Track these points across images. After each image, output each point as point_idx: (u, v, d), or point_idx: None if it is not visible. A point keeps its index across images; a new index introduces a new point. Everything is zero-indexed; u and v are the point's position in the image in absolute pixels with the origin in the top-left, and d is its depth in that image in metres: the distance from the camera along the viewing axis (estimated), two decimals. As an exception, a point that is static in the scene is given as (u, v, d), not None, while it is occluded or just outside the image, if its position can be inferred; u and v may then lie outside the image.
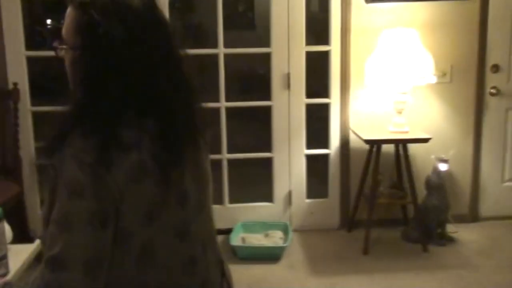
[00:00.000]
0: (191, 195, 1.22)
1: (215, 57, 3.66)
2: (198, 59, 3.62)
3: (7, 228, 1.82)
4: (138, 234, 1.13)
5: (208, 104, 1.34)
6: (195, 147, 1.27)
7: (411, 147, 3.61)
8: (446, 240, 3.59)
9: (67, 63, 1.21)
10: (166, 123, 1.17)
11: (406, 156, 3.51)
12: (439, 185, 3.50)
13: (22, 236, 3.45)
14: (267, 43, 3.73)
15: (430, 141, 3.46)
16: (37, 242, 1.91)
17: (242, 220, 3.78)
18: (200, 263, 1.25)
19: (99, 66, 1.13)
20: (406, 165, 3.53)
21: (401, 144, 3.54)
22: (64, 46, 1.19)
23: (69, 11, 1.19)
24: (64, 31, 1.19)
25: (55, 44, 1.20)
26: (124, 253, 1.12)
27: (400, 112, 3.51)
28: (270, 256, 3.43)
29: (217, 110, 3.68)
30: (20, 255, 1.81)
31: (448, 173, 3.57)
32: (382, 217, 3.72)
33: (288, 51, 3.69)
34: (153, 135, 1.14)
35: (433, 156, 3.55)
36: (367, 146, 3.57)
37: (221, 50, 3.65)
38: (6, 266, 1.64)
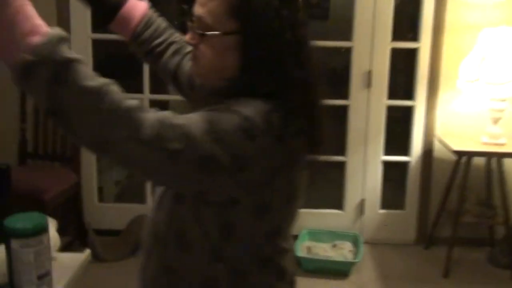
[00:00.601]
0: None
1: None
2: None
3: (55, 236, 1.60)
4: (275, 211, 1.13)
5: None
6: None
7: (506, 161, 3.19)
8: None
9: (211, 50, 1.10)
10: (314, 114, 1.12)
11: (501, 171, 3.12)
12: (536, 206, 3.09)
13: (76, 228, 3.33)
14: (340, 35, 3.40)
15: (529, 156, 3.05)
16: (87, 252, 1.68)
17: (308, 227, 3.49)
18: None
19: (265, 50, 1.06)
20: (499, 181, 3.13)
21: (495, 157, 3.14)
22: (213, 33, 1.07)
23: None
24: (208, 16, 1.08)
25: (198, 31, 1.09)
26: (258, 223, 1.12)
27: (496, 122, 3.11)
28: (339, 271, 3.13)
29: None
30: (67, 267, 1.59)
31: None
32: (465, 236, 3.33)
33: (372, 47, 3.35)
34: (306, 126, 1.10)
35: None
36: (453, 157, 3.19)
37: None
38: (50, 283, 1.41)
